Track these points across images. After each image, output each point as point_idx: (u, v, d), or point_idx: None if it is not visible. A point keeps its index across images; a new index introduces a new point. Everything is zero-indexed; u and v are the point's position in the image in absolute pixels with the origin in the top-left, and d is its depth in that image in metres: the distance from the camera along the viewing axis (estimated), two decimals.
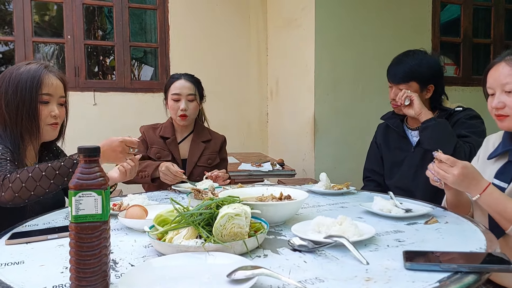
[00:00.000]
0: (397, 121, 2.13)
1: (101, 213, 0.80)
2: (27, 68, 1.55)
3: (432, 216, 1.32)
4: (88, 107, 4.20)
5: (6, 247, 1.13)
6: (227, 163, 2.47)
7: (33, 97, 1.52)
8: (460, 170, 1.27)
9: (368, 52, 3.87)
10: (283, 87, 4.49)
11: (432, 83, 1.99)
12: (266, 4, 4.80)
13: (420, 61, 1.97)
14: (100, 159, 1.42)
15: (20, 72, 1.53)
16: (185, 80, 2.24)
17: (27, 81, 1.51)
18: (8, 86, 1.50)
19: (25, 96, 1.50)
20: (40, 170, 1.33)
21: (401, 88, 1.96)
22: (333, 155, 3.82)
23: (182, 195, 1.84)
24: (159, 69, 4.57)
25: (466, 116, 1.93)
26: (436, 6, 4.20)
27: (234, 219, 1.00)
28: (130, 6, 4.38)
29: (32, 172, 1.32)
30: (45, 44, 5.52)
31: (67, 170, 1.36)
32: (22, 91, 1.50)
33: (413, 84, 1.96)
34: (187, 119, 2.22)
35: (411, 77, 1.95)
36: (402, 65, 1.98)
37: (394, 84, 1.99)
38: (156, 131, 2.27)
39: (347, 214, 1.40)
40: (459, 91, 4.38)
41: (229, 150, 4.25)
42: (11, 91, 1.50)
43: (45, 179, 1.33)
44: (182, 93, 2.21)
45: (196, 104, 2.25)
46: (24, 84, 1.51)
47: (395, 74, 1.99)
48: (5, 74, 1.54)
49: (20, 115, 1.51)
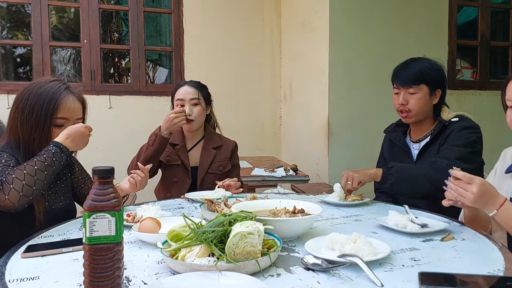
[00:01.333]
0: (399, 134, 2.09)
1: (114, 235, 0.80)
2: (46, 88, 1.54)
3: (448, 233, 1.30)
4: (103, 110, 4.24)
5: (22, 260, 1.15)
6: (239, 169, 2.46)
7: (48, 120, 1.52)
8: (478, 187, 1.25)
9: (383, 56, 3.83)
10: (296, 90, 4.47)
11: (439, 87, 1.96)
12: (280, 8, 4.79)
13: (429, 65, 1.95)
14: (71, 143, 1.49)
15: (40, 92, 1.52)
16: (189, 86, 2.25)
17: (44, 103, 1.51)
18: (25, 105, 1.51)
19: (40, 118, 1.51)
20: (31, 165, 1.38)
21: (411, 92, 1.92)
22: (348, 159, 3.79)
23: (195, 204, 1.84)
24: (173, 73, 4.60)
25: (458, 128, 1.87)
26: (452, 8, 4.14)
27: (247, 238, 0.99)
28: (146, 10, 4.41)
29: (26, 169, 1.37)
30: (62, 48, 5.59)
31: (51, 159, 1.43)
32: (38, 112, 1.51)
33: (423, 87, 1.92)
34: (192, 123, 2.22)
35: (422, 80, 1.91)
36: (411, 68, 1.94)
37: (404, 87, 1.94)
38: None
39: (362, 228, 1.40)
40: (476, 95, 4.31)
41: (242, 154, 4.26)
42: (27, 111, 1.51)
43: (39, 172, 1.38)
44: (185, 98, 2.22)
45: (201, 108, 2.24)
46: (40, 106, 1.51)
47: (405, 76, 1.94)
48: (24, 91, 1.55)
49: (33, 136, 1.52)
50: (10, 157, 1.48)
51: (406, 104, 1.94)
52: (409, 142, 2.06)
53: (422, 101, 1.92)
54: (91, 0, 4.20)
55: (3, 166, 1.43)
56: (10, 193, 1.34)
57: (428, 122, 2.00)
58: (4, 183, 1.35)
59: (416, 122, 1.99)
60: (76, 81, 5.24)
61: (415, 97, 1.92)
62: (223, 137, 2.41)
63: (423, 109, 1.94)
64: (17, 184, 1.35)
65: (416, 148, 2.01)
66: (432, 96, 1.95)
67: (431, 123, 2.00)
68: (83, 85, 4.23)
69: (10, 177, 1.36)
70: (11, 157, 1.49)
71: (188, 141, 2.30)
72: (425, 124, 2.00)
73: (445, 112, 2.00)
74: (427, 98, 1.92)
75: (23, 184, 1.35)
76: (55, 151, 1.44)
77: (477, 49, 4.45)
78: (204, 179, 2.24)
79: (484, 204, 1.28)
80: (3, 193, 1.34)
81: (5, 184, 1.35)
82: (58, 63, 5.61)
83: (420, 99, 1.92)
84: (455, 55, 4.23)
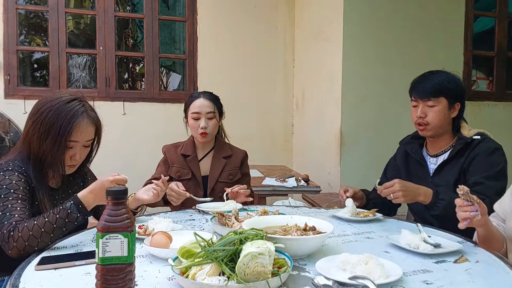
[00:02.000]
0: (416, 147, 2.04)
1: (127, 255, 0.81)
2: (65, 109, 1.53)
3: (462, 254, 1.28)
4: (117, 117, 4.29)
5: (36, 273, 1.16)
6: (250, 178, 2.46)
7: (63, 143, 1.52)
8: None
9: (397, 66, 3.81)
10: (309, 99, 4.47)
11: (459, 101, 1.92)
12: (294, 16, 4.80)
13: (448, 77, 1.91)
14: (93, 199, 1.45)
15: (58, 112, 1.52)
16: (204, 99, 2.25)
17: (62, 126, 1.51)
18: (42, 122, 1.51)
19: (55, 140, 1.51)
20: (38, 227, 1.34)
21: (429, 104, 1.90)
22: (360, 170, 3.76)
23: (206, 217, 1.85)
24: (186, 80, 4.64)
25: (485, 151, 1.82)
26: (469, 18, 4.10)
27: (258, 258, 0.99)
28: (160, 18, 4.46)
29: (32, 230, 1.33)
30: (78, 55, 5.68)
31: (63, 221, 1.38)
32: (54, 133, 1.51)
33: (443, 100, 1.88)
34: (207, 136, 2.24)
35: (441, 92, 1.87)
36: (430, 80, 1.90)
37: (423, 100, 1.90)
38: (177, 149, 2.30)
39: (374, 247, 1.39)
40: (492, 106, 4.25)
41: (253, 162, 4.27)
42: (43, 129, 1.51)
43: (45, 234, 1.35)
44: (201, 112, 2.22)
45: (216, 122, 2.26)
46: (58, 128, 1.50)
47: (424, 89, 1.90)
48: (44, 107, 1.53)
49: (45, 154, 1.52)
50: (19, 181, 1.47)
51: (425, 117, 1.90)
52: (426, 155, 2.02)
53: (441, 114, 1.88)
54: (107, 8, 4.26)
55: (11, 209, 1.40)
56: (13, 250, 1.33)
57: (446, 137, 1.95)
58: (10, 237, 1.33)
59: (434, 136, 1.95)
60: (91, 87, 5.32)
61: (433, 110, 1.88)
62: (233, 146, 2.42)
63: (442, 122, 1.89)
64: (20, 244, 1.32)
65: (433, 162, 1.97)
66: (451, 110, 1.90)
67: (449, 138, 1.95)
68: (97, 92, 4.29)
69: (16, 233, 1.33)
70: (21, 176, 1.48)
71: (199, 151, 2.32)
72: (443, 139, 1.95)
73: (465, 128, 1.94)
74: (446, 111, 1.88)
75: (25, 245, 1.32)
76: (71, 211, 1.40)
77: (494, 59, 4.40)
78: (214, 187, 2.25)
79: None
80: (7, 247, 1.34)
81: (10, 239, 1.33)
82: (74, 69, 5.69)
83: (439, 112, 1.88)
84: (471, 65, 4.19)
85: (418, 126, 1.95)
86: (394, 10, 3.80)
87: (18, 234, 1.33)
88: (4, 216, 1.37)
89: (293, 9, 4.79)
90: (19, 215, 1.39)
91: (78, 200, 1.43)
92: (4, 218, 1.37)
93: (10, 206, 1.40)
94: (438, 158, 1.96)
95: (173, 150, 2.31)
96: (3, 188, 1.43)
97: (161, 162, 2.31)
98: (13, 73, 4.06)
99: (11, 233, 1.34)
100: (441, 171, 1.92)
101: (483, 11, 4.44)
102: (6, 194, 1.42)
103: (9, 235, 1.33)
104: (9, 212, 1.38)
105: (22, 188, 1.47)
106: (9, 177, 1.46)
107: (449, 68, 2.01)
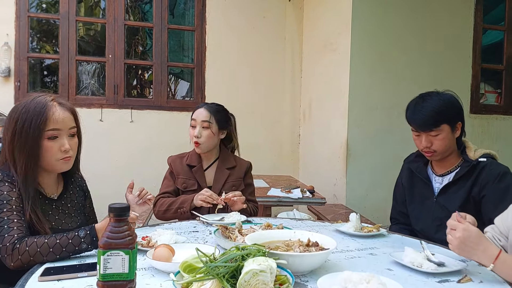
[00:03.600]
0: (421, 165, 2.02)
1: (127, 272, 0.82)
2: (33, 104, 1.49)
3: (465, 274, 1.27)
4: (125, 124, 4.32)
5: (39, 284, 1.17)
6: (254, 188, 2.46)
7: (38, 135, 1.47)
8: (462, 232, 1.23)
9: (405, 78, 3.81)
10: (316, 109, 4.47)
11: (459, 120, 1.90)
12: (302, 28, 4.82)
13: (443, 102, 1.85)
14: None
15: (27, 109, 1.48)
16: (204, 108, 2.27)
17: (33, 119, 1.46)
18: (16, 126, 1.47)
19: (28, 136, 1.46)
20: (48, 246, 1.34)
21: (433, 134, 1.85)
22: (366, 182, 3.75)
23: (209, 228, 1.85)
24: (194, 88, 4.66)
25: (494, 177, 1.79)
26: (477, 32, 4.09)
27: (259, 275, 0.99)
28: (169, 27, 4.50)
29: (41, 248, 1.33)
30: (87, 62, 5.74)
31: (73, 247, 1.37)
32: (27, 129, 1.46)
33: (445, 126, 1.84)
34: (200, 146, 2.23)
35: (441, 120, 1.83)
36: (425, 109, 1.85)
37: (424, 131, 1.87)
38: (183, 160, 2.31)
39: (377, 264, 1.38)
40: (500, 120, 4.22)
41: (259, 172, 4.28)
42: (18, 131, 1.47)
43: (51, 254, 1.34)
44: (197, 119, 2.24)
45: (210, 133, 2.23)
46: (29, 122, 1.46)
47: (423, 122, 1.86)
48: (14, 113, 1.50)
49: (24, 155, 1.47)
50: (10, 192, 1.44)
51: (431, 146, 1.87)
52: (431, 174, 2.00)
53: (446, 140, 1.85)
54: (117, 17, 4.32)
55: (8, 221, 1.38)
56: (16, 262, 1.32)
57: (452, 157, 1.93)
58: (15, 250, 1.33)
59: (442, 159, 1.93)
60: (100, 95, 5.37)
61: (438, 138, 1.85)
62: (238, 158, 2.42)
63: (448, 146, 1.88)
64: (25, 257, 1.32)
65: (438, 182, 1.96)
66: (454, 131, 1.88)
67: (455, 158, 1.93)
68: (106, 99, 4.33)
69: (23, 247, 1.33)
70: (11, 186, 1.45)
71: (204, 162, 2.33)
72: (449, 159, 1.93)
73: (471, 149, 1.92)
74: (450, 136, 1.86)
75: (30, 260, 1.32)
76: (84, 241, 1.38)
77: (502, 73, 4.38)
78: None
79: (472, 253, 1.25)
80: (10, 259, 1.33)
81: (15, 251, 1.32)
82: (83, 76, 5.76)
83: (443, 140, 1.85)
84: (479, 79, 4.17)
85: (426, 153, 1.92)
86: (402, 22, 3.81)
87: (25, 248, 1.32)
88: (2, 229, 1.35)
89: (301, 20, 4.82)
90: (17, 227, 1.37)
91: (94, 232, 1.39)
92: (3, 231, 1.35)
93: (6, 218, 1.38)
94: (444, 178, 1.94)
95: (178, 161, 2.32)
96: None
97: (167, 175, 2.31)
98: (23, 80, 4.11)
99: (16, 246, 1.33)
100: (447, 192, 1.90)
101: (491, 24, 4.42)
102: None
103: (13, 247, 1.33)
104: (7, 225, 1.36)
105: (14, 199, 1.43)
106: (0, 188, 1.43)
107: (458, 82, 1.98)
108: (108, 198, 1.78)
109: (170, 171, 2.31)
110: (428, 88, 2.02)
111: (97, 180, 2.60)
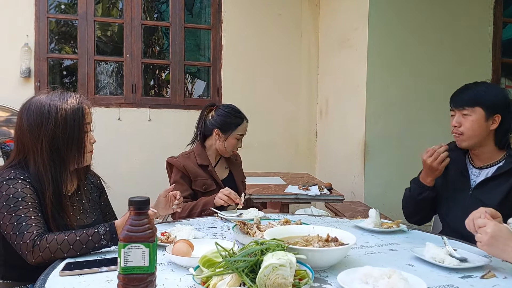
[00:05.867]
0: (460, 155, 1.95)
1: (148, 265, 0.82)
2: (69, 103, 1.53)
3: (489, 270, 1.24)
4: (143, 123, 4.37)
5: (60, 278, 1.19)
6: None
7: (81, 129, 1.53)
8: (492, 228, 1.19)
9: (423, 74, 3.75)
10: (333, 106, 4.44)
11: (499, 112, 1.82)
12: (318, 23, 4.79)
13: (486, 88, 1.84)
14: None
15: (64, 107, 1.51)
16: (247, 122, 2.37)
17: (73, 115, 1.51)
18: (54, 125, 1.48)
19: (74, 130, 1.51)
20: (68, 243, 1.35)
21: (465, 113, 1.83)
22: (384, 179, 3.71)
23: (227, 224, 1.85)
24: (211, 87, 4.68)
25: None
26: (497, 26, 4.00)
27: (279, 270, 0.99)
28: (186, 26, 4.53)
29: (61, 244, 1.35)
30: (106, 62, 5.82)
31: (93, 244, 1.38)
32: (72, 125, 1.50)
33: (478, 110, 1.80)
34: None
35: (476, 102, 1.81)
36: (467, 91, 1.86)
37: (458, 109, 1.85)
38: (192, 161, 2.28)
39: (397, 259, 1.36)
40: None
41: (276, 169, 4.27)
42: (61, 129, 1.49)
43: (72, 251, 1.36)
44: (244, 135, 2.36)
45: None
46: (71, 119, 1.51)
47: (459, 98, 1.86)
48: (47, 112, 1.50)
49: (69, 149, 1.51)
50: (25, 185, 1.45)
51: (459, 127, 1.84)
52: (469, 165, 1.93)
53: (475, 124, 1.80)
54: (135, 16, 4.36)
55: (26, 218, 1.39)
56: (37, 259, 1.34)
57: (490, 150, 1.85)
58: (35, 246, 1.34)
59: (471, 148, 1.88)
60: (118, 94, 5.43)
61: (468, 120, 1.81)
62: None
63: (477, 133, 1.81)
64: (46, 254, 1.33)
65: (476, 175, 1.89)
66: (488, 121, 1.81)
67: (494, 152, 1.86)
68: (124, 98, 4.38)
69: (44, 243, 1.34)
70: (25, 183, 1.45)
71: (212, 160, 2.35)
72: (486, 152, 1.86)
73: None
74: (482, 122, 1.80)
75: (51, 256, 1.34)
76: (103, 237, 1.39)
77: None
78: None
79: (503, 249, 1.20)
80: (31, 256, 1.34)
81: (36, 248, 1.34)
82: (102, 76, 5.84)
83: (473, 122, 1.80)
84: (500, 73, 4.08)
85: (454, 136, 1.89)
86: (420, 17, 3.75)
87: (46, 245, 1.34)
88: (20, 226, 1.36)
89: (317, 16, 4.79)
90: (36, 224, 1.38)
91: (114, 229, 1.40)
92: (22, 228, 1.36)
93: (23, 215, 1.38)
94: (482, 171, 1.87)
95: (189, 162, 2.26)
96: (10, 198, 1.40)
97: (178, 179, 2.22)
98: (43, 80, 4.18)
99: (36, 243, 1.34)
100: (485, 186, 1.82)
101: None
102: (15, 203, 1.40)
103: (33, 244, 1.34)
104: (25, 222, 1.37)
105: (29, 195, 1.43)
106: (13, 186, 1.43)
107: (478, 77, 1.95)
108: (126, 196, 1.75)
109: (181, 175, 2.24)
110: (447, 84, 1.98)
111: (115, 178, 2.62)
